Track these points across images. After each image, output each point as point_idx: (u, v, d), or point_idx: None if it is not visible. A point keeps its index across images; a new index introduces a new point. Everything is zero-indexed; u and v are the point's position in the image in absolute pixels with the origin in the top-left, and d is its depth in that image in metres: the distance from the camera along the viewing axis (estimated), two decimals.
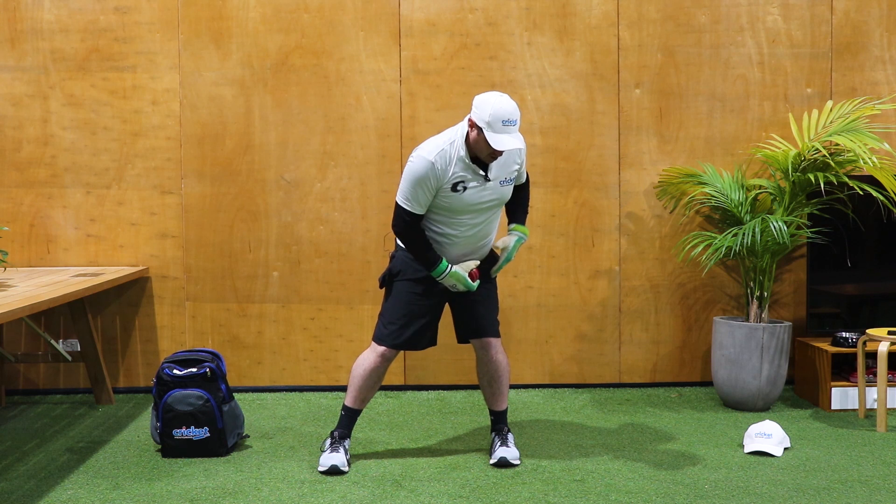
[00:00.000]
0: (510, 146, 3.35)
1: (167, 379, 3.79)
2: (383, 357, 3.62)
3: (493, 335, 3.71)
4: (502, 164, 3.53)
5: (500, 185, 3.55)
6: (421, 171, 3.42)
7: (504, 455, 3.64)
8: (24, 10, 4.80)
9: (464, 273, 3.55)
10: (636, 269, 4.98)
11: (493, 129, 3.34)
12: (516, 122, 3.40)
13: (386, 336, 3.62)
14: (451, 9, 4.86)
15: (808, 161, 4.42)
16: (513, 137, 3.37)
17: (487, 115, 3.34)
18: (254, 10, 4.83)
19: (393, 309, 3.63)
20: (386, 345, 3.61)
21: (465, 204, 3.51)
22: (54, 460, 3.76)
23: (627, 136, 4.94)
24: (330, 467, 3.54)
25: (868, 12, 4.92)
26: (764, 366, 4.45)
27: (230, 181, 4.88)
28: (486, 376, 3.75)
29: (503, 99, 3.39)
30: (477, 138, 3.40)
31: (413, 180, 3.44)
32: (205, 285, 4.91)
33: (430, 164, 3.41)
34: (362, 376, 3.64)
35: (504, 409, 3.81)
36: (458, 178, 3.45)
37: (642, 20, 4.90)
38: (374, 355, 3.62)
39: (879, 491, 3.35)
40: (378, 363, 3.62)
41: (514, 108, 3.39)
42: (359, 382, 3.65)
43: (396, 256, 3.66)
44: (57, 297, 3.67)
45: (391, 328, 3.62)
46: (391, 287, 3.66)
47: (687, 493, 3.32)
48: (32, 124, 4.84)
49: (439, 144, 3.46)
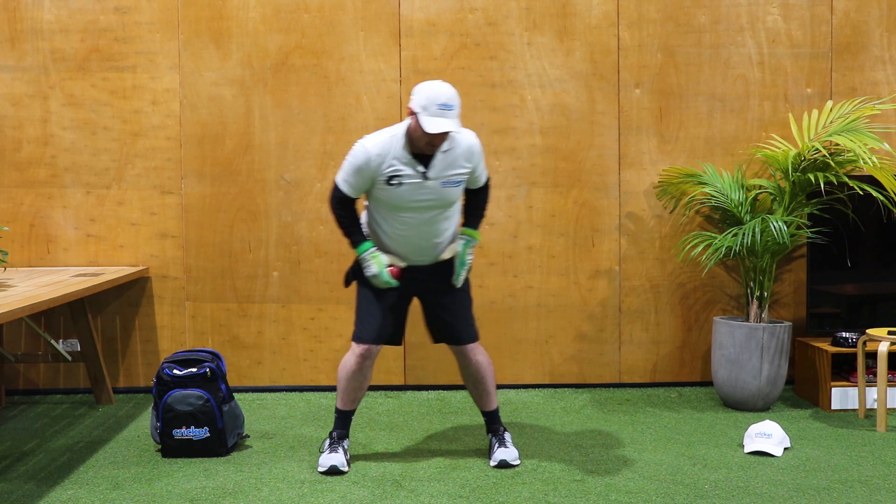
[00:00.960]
0: (443, 128, 3.30)
1: (167, 379, 3.79)
2: (362, 356, 3.60)
3: (467, 341, 3.69)
4: (447, 163, 3.48)
5: (442, 185, 3.49)
6: (359, 159, 3.45)
7: (504, 457, 3.64)
8: (24, 10, 4.80)
9: (385, 261, 3.54)
10: (636, 269, 4.98)
11: (427, 112, 3.32)
12: (453, 107, 3.35)
13: (361, 333, 3.62)
14: (451, 9, 4.86)
15: (808, 161, 4.42)
16: (448, 121, 3.32)
17: (423, 98, 3.33)
18: (254, 10, 4.83)
19: (363, 305, 3.65)
20: (362, 342, 3.60)
21: (401, 200, 3.48)
22: (54, 460, 3.76)
23: (627, 136, 4.94)
24: (329, 468, 3.54)
25: (868, 12, 4.92)
26: (764, 366, 4.45)
27: (230, 181, 4.88)
28: (469, 379, 3.75)
29: (440, 84, 3.38)
30: (415, 126, 3.37)
31: (351, 165, 3.48)
32: (205, 285, 4.91)
33: (367, 153, 3.43)
34: (346, 378, 3.64)
35: (495, 408, 3.79)
36: (395, 171, 3.44)
37: (642, 20, 4.90)
38: (353, 356, 3.62)
39: (879, 491, 3.35)
40: (359, 363, 3.61)
41: (451, 93, 3.37)
42: (344, 385, 3.66)
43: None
44: (57, 297, 3.67)
45: (365, 324, 3.62)
46: (360, 281, 3.68)
47: (687, 493, 3.32)
48: (32, 124, 4.84)
49: (382, 135, 3.49)
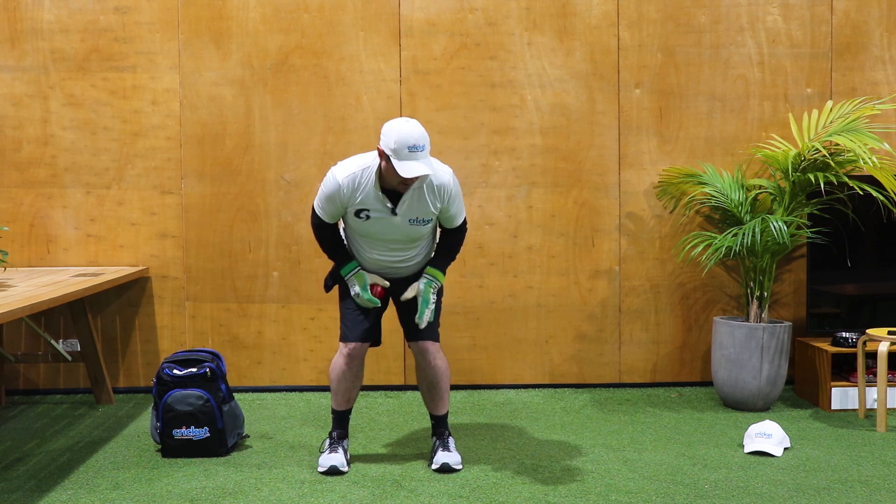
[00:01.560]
0: (417, 172, 3.26)
1: (167, 379, 3.79)
2: (350, 357, 3.61)
3: (429, 339, 3.67)
4: (416, 201, 3.46)
5: (409, 223, 3.48)
6: (330, 189, 3.46)
7: (446, 461, 3.60)
8: (24, 10, 4.80)
9: (368, 281, 3.57)
10: (636, 269, 4.98)
11: (398, 156, 3.27)
12: (424, 147, 3.31)
13: (347, 333, 3.63)
14: (451, 9, 4.86)
15: (808, 161, 4.42)
16: (420, 164, 3.28)
17: (392, 142, 3.28)
18: (254, 10, 4.83)
19: (347, 308, 3.66)
20: (350, 340, 3.61)
21: (368, 231, 3.53)
22: (54, 460, 3.76)
23: (627, 136, 4.94)
24: (329, 468, 3.54)
25: (868, 12, 4.92)
26: (764, 366, 4.45)
27: (230, 181, 4.88)
28: (424, 381, 3.72)
29: (409, 125, 3.33)
30: (386, 167, 3.34)
31: (323, 193, 3.49)
32: (205, 285, 4.91)
33: (338, 186, 3.43)
34: (337, 379, 3.66)
35: (444, 413, 3.75)
36: (362, 205, 3.45)
37: (642, 20, 4.90)
38: (341, 357, 3.63)
39: (879, 491, 3.35)
40: (347, 363, 3.62)
41: (420, 133, 3.31)
42: (335, 386, 3.67)
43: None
44: (57, 297, 3.67)
45: (350, 325, 3.63)
46: (340, 287, 3.70)
47: (687, 493, 3.32)
48: (32, 124, 4.84)
49: (353, 168, 3.45)
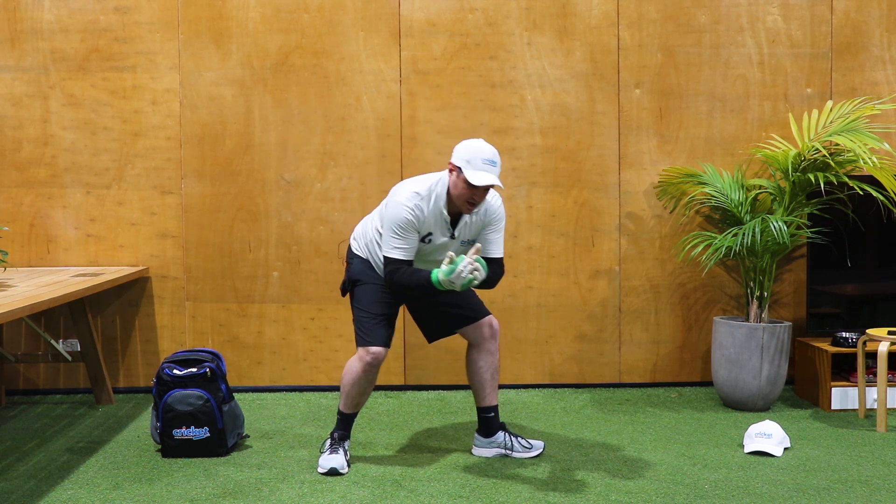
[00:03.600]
0: (489, 181, 3.34)
1: (167, 379, 3.79)
2: (370, 364, 3.58)
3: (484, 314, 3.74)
4: (474, 225, 3.55)
5: (461, 244, 3.58)
6: (401, 223, 3.44)
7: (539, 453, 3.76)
8: (24, 10, 4.80)
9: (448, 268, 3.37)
10: (636, 269, 4.98)
11: (472, 166, 3.36)
12: (497, 164, 3.41)
13: (370, 337, 3.59)
14: (451, 9, 4.86)
15: (808, 161, 4.42)
16: (492, 175, 3.37)
17: (468, 153, 3.38)
18: (254, 10, 4.83)
19: (366, 311, 3.63)
20: (372, 344, 3.57)
21: (422, 252, 3.56)
22: (54, 460, 3.76)
23: (627, 136, 4.94)
24: (329, 469, 3.54)
25: (868, 12, 4.92)
26: (764, 366, 4.45)
27: (230, 181, 4.88)
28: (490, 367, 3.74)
29: (485, 143, 3.45)
30: (456, 181, 3.41)
31: (398, 229, 3.44)
32: (205, 285, 4.91)
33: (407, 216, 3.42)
34: (352, 384, 3.63)
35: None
36: (427, 228, 3.50)
37: (642, 20, 4.90)
38: (361, 363, 3.59)
39: (879, 491, 3.35)
40: (366, 369, 3.59)
41: (495, 152, 3.43)
42: (349, 390, 3.65)
43: (353, 264, 3.70)
44: (57, 297, 3.67)
45: (371, 328, 3.60)
46: (355, 293, 3.68)
47: (687, 493, 3.32)
48: (32, 124, 4.84)
49: (416, 188, 3.46)
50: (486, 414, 3.79)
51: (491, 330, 3.75)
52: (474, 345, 3.76)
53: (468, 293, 3.74)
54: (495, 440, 3.78)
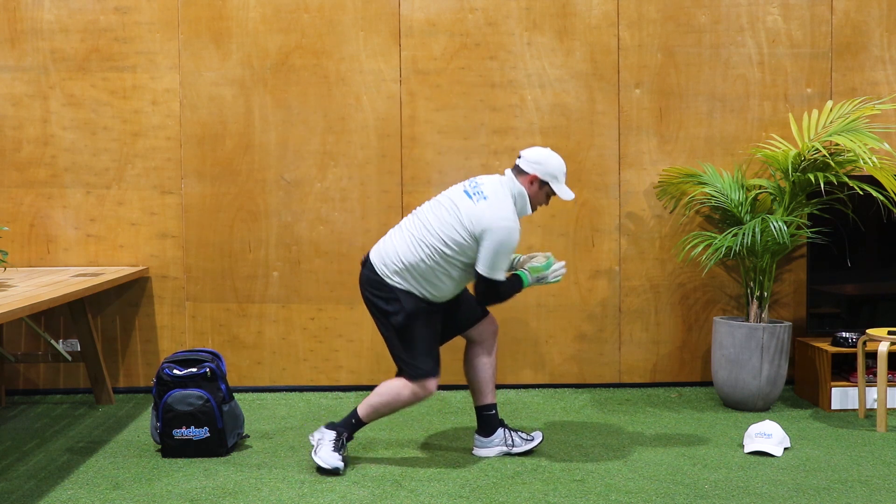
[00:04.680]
0: (573, 195, 3.66)
1: (167, 379, 3.79)
2: (422, 398, 3.61)
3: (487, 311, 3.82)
4: None
5: None
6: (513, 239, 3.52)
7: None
8: (24, 10, 4.80)
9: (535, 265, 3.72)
10: (636, 269, 4.98)
11: (559, 181, 3.61)
12: None
13: (429, 369, 3.59)
14: (451, 9, 4.86)
15: (808, 161, 4.42)
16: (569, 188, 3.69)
17: (554, 169, 3.59)
18: (254, 10, 4.83)
19: (423, 342, 3.59)
20: (431, 376, 3.59)
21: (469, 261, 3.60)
22: (54, 460, 3.76)
23: (627, 136, 4.94)
24: (333, 468, 3.52)
25: (868, 12, 4.92)
26: (764, 366, 4.45)
27: (230, 181, 4.88)
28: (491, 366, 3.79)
29: (556, 154, 3.64)
30: (539, 192, 3.63)
31: (507, 250, 3.52)
32: (205, 285, 4.91)
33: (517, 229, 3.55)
34: (391, 409, 3.63)
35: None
36: None
37: (642, 20, 4.90)
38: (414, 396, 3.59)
39: (879, 491, 3.35)
40: (415, 401, 3.61)
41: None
42: (384, 410, 3.64)
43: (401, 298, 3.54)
44: (57, 297, 3.67)
45: (429, 360, 3.60)
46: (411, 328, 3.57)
47: (687, 493, 3.32)
48: (32, 124, 4.84)
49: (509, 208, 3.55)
50: (488, 411, 3.80)
51: (492, 327, 3.82)
52: (476, 343, 3.79)
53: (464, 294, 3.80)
54: (496, 438, 3.79)
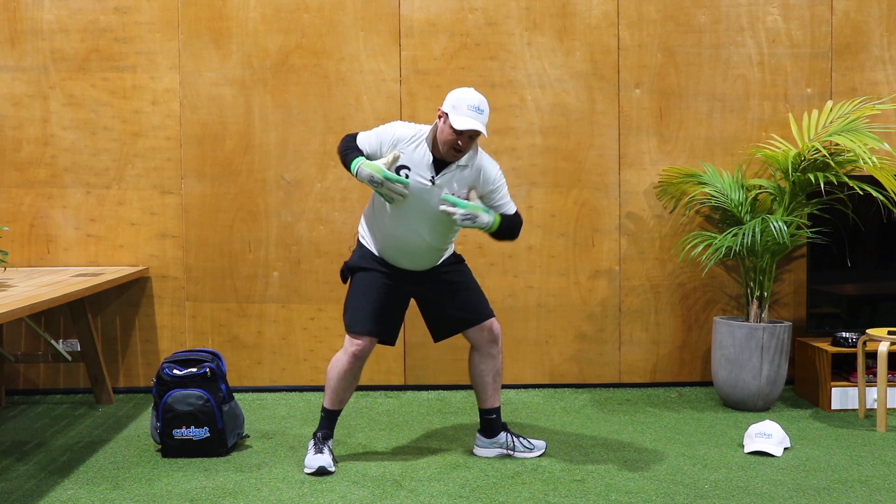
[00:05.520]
0: (471, 126, 3.37)
1: (167, 379, 3.79)
2: (355, 356, 3.57)
3: (493, 315, 3.75)
4: (459, 174, 3.50)
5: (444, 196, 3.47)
6: (384, 129, 3.54)
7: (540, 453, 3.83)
8: (24, 10, 4.80)
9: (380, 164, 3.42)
10: (636, 269, 4.98)
11: (457, 111, 3.40)
12: (483, 111, 3.45)
13: (354, 323, 3.57)
14: (451, 9, 4.86)
15: (808, 161, 4.42)
16: (475, 121, 3.39)
17: (455, 99, 3.43)
18: (254, 10, 4.83)
19: (357, 297, 3.62)
20: (356, 333, 3.55)
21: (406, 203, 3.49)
22: (54, 460, 3.76)
23: (627, 136, 4.94)
24: (317, 469, 3.53)
25: (868, 12, 4.92)
26: (764, 366, 4.45)
27: (230, 181, 4.88)
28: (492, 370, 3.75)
29: (473, 90, 3.49)
30: (442, 126, 3.44)
31: (377, 131, 3.55)
32: (205, 285, 4.91)
33: (393, 128, 3.52)
34: (337, 378, 3.62)
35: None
36: (406, 161, 3.48)
37: (642, 20, 4.90)
38: (346, 355, 3.58)
39: (879, 491, 3.35)
40: (351, 363, 3.58)
41: (481, 98, 3.47)
42: (334, 384, 3.63)
43: (353, 252, 3.72)
44: (57, 297, 3.67)
45: (358, 314, 3.58)
46: (352, 281, 3.68)
47: (687, 493, 3.32)
48: (32, 124, 4.84)
49: (414, 127, 3.55)
50: (489, 416, 3.79)
51: (491, 334, 3.73)
52: (476, 348, 3.76)
53: (473, 295, 3.73)
54: (497, 441, 3.78)
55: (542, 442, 3.85)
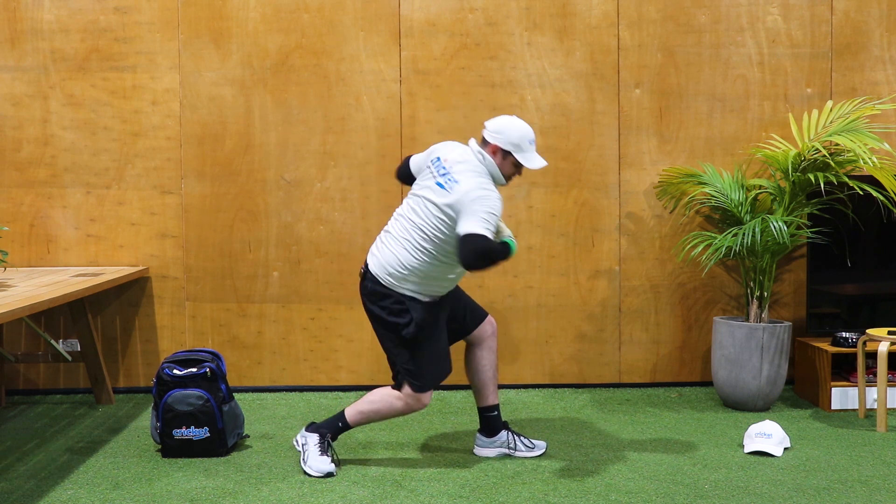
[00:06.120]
0: (543, 163, 3.47)
1: (167, 379, 3.79)
2: (416, 411, 3.56)
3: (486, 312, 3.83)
4: None
5: None
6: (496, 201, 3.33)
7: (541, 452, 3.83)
8: (24, 10, 4.80)
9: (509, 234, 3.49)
10: (636, 269, 4.98)
11: (523, 149, 3.45)
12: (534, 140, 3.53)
13: (427, 382, 3.52)
14: (451, 9, 4.86)
15: (808, 161, 4.42)
16: (541, 157, 3.49)
17: (511, 135, 3.43)
18: (254, 10, 4.83)
19: (434, 353, 3.53)
20: (425, 390, 3.52)
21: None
22: (54, 460, 3.76)
23: (627, 136, 4.94)
24: (326, 473, 3.52)
25: (868, 12, 4.92)
26: (764, 366, 4.45)
27: (230, 181, 4.88)
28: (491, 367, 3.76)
29: (521, 122, 3.49)
30: (504, 163, 3.46)
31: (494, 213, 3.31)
32: (205, 285, 4.91)
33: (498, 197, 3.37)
34: (384, 417, 3.60)
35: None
36: None
37: (642, 20, 4.90)
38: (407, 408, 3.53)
39: (879, 491, 3.35)
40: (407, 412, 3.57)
41: (530, 127, 3.51)
42: (376, 418, 3.62)
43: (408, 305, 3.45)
44: (57, 297, 3.67)
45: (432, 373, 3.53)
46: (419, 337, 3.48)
47: (687, 493, 3.32)
48: (32, 124, 4.84)
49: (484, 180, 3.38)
50: (490, 413, 3.79)
51: (492, 328, 3.81)
52: (477, 343, 3.77)
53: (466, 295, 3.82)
54: (498, 439, 3.78)
55: (542, 442, 3.85)
